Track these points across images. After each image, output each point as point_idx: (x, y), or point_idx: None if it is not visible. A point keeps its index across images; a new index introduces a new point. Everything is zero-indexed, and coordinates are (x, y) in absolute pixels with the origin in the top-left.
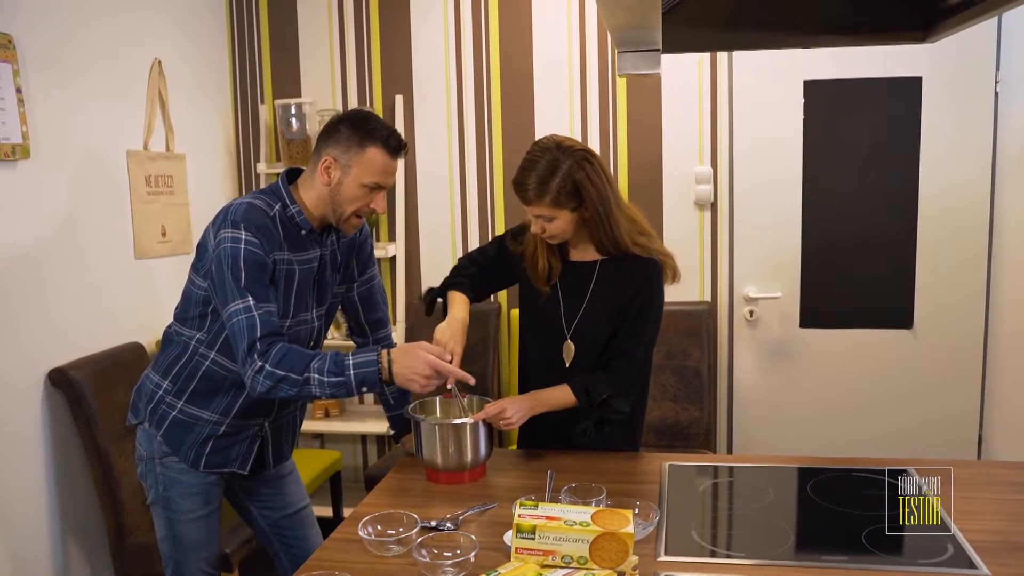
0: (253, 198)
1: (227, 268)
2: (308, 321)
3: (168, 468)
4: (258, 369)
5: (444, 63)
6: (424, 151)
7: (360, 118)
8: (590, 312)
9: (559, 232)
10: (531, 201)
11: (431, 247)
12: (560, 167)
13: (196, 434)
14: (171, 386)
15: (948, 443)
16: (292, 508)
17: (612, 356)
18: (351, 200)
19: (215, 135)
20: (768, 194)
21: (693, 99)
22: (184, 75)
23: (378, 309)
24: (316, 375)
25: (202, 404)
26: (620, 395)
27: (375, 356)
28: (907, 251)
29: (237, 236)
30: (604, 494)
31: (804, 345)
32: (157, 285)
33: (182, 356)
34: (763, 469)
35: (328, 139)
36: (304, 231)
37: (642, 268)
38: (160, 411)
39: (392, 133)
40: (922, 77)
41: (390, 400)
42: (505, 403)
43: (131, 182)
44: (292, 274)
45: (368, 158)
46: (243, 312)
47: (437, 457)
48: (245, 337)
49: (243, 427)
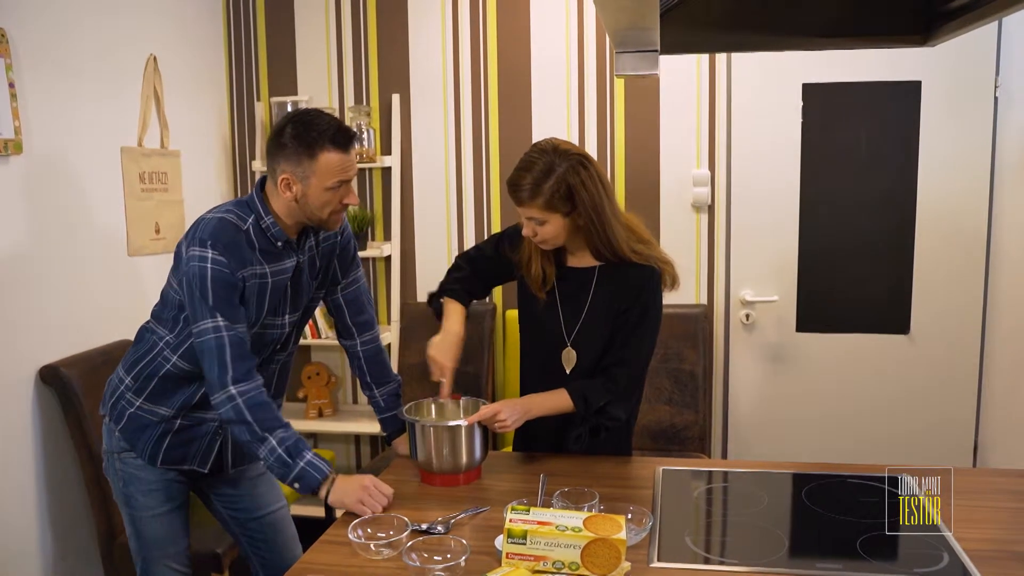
0: (225, 212)
1: (196, 287)
2: (278, 326)
3: (127, 464)
4: (230, 396)
5: (441, 62)
6: (420, 150)
7: (301, 125)
8: (590, 319)
9: (550, 236)
10: (524, 202)
11: (426, 247)
12: (555, 170)
13: (153, 430)
14: (132, 383)
15: (944, 449)
16: (262, 511)
17: (610, 363)
18: (321, 206)
19: (210, 132)
20: (766, 197)
21: (691, 101)
22: (180, 72)
23: (364, 311)
24: (274, 442)
25: (160, 401)
26: (617, 403)
27: (327, 473)
28: (905, 256)
29: (204, 255)
30: (597, 499)
31: (800, 349)
32: (149, 282)
33: (147, 355)
34: (757, 475)
35: (277, 155)
36: (280, 243)
37: (640, 275)
38: (119, 407)
39: (336, 129)
40: (921, 81)
41: (380, 402)
42: (500, 406)
43: (125, 179)
44: (264, 286)
45: (322, 164)
46: (212, 332)
47: (431, 459)
48: (215, 358)
49: (200, 421)
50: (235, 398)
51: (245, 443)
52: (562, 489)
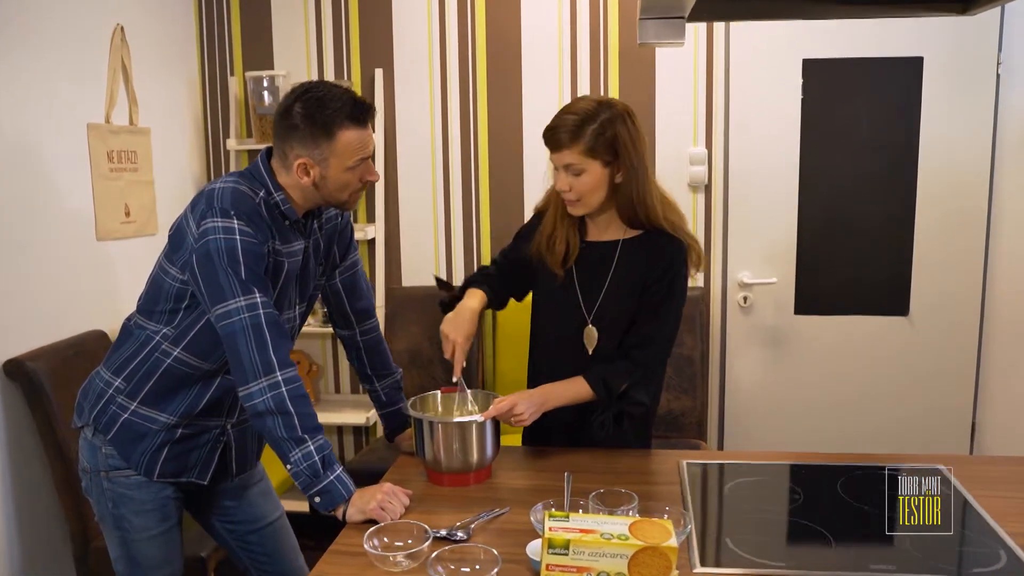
0: (235, 183)
1: (222, 262)
2: (288, 319)
3: (116, 483)
4: (274, 384)
5: (427, 35)
6: (405, 128)
7: (313, 102)
8: (612, 294)
9: (586, 191)
10: (563, 144)
11: (412, 229)
12: (600, 115)
13: (151, 439)
14: (124, 384)
15: (941, 431)
16: (260, 522)
17: (632, 343)
18: (341, 187)
19: (181, 108)
20: (764, 176)
21: (688, 77)
22: (148, 43)
23: (363, 296)
24: (312, 447)
25: (158, 405)
26: (640, 385)
27: (352, 491)
28: (904, 236)
29: (229, 225)
30: (636, 502)
31: (799, 332)
32: (120, 268)
33: (140, 352)
34: (787, 468)
35: (288, 136)
36: (289, 221)
37: (669, 248)
38: (109, 412)
39: (353, 103)
40: (923, 57)
41: (382, 396)
42: (516, 398)
43: (92, 158)
44: (280, 268)
45: (341, 144)
46: (247, 311)
47: (440, 457)
48: (252, 340)
49: (203, 429)
50: (279, 386)
51: (276, 440)
52: (597, 491)
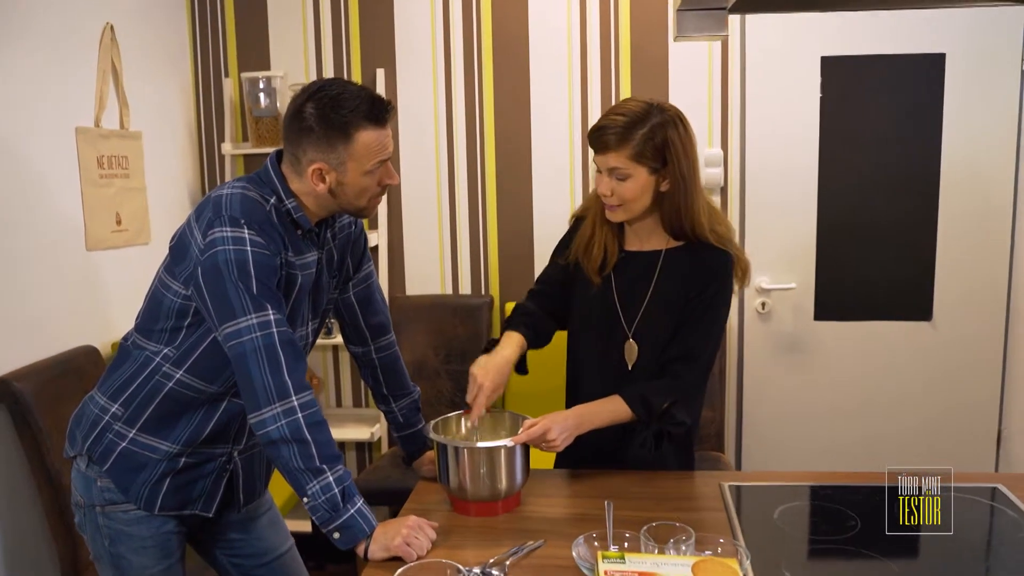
0: (244, 188)
1: (232, 276)
2: (303, 337)
3: (113, 519)
4: (290, 410)
5: (431, 33)
6: (409, 130)
7: (327, 102)
8: (653, 307)
9: (629, 197)
10: (610, 147)
11: (417, 236)
12: (651, 118)
13: (151, 470)
14: (122, 410)
15: (966, 439)
16: (269, 555)
17: (673, 359)
18: (361, 193)
19: (174, 111)
20: (782, 178)
21: (702, 75)
22: (139, 43)
23: (379, 311)
24: (331, 478)
25: (160, 433)
26: (681, 404)
27: (375, 525)
28: (927, 239)
29: (239, 236)
30: (692, 537)
31: (818, 339)
32: (112, 280)
33: (139, 374)
34: (836, 489)
35: (302, 140)
36: (302, 230)
37: (714, 260)
38: (105, 441)
39: (372, 101)
40: (945, 54)
41: (399, 417)
42: (548, 422)
43: (81, 163)
44: (293, 281)
45: (360, 146)
46: (259, 329)
47: (466, 485)
48: (265, 362)
49: (208, 457)
50: (295, 411)
51: (292, 471)
52: (649, 524)
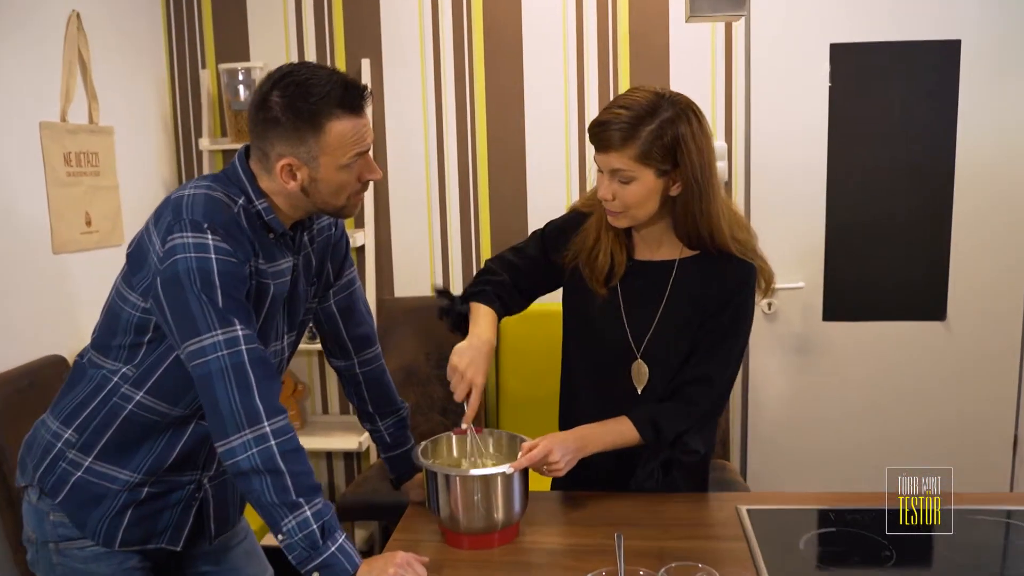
0: (208, 188)
1: (194, 288)
2: (277, 353)
3: (68, 556)
4: (261, 437)
5: (419, 20)
6: (396, 123)
7: (294, 89)
8: (666, 324)
9: (633, 202)
10: (612, 146)
11: (405, 235)
12: (659, 112)
13: (110, 502)
14: (76, 436)
15: (981, 443)
16: None
17: (689, 380)
18: (338, 190)
19: (148, 105)
20: (789, 172)
21: (705, 64)
22: (109, 32)
23: (362, 321)
24: (308, 513)
25: (119, 460)
26: (694, 431)
27: (358, 563)
28: (941, 235)
29: (202, 242)
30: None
31: (828, 340)
32: (81, 285)
33: (95, 396)
34: (865, 513)
35: (268, 133)
36: (274, 234)
37: (736, 272)
38: (58, 471)
39: (345, 87)
40: (961, 40)
41: (386, 437)
42: (550, 444)
43: (46, 161)
44: (265, 292)
45: (333, 138)
46: (225, 347)
47: (459, 516)
48: (233, 383)
49: (174, 486)
50: (267, 439)
51: (265, 506)
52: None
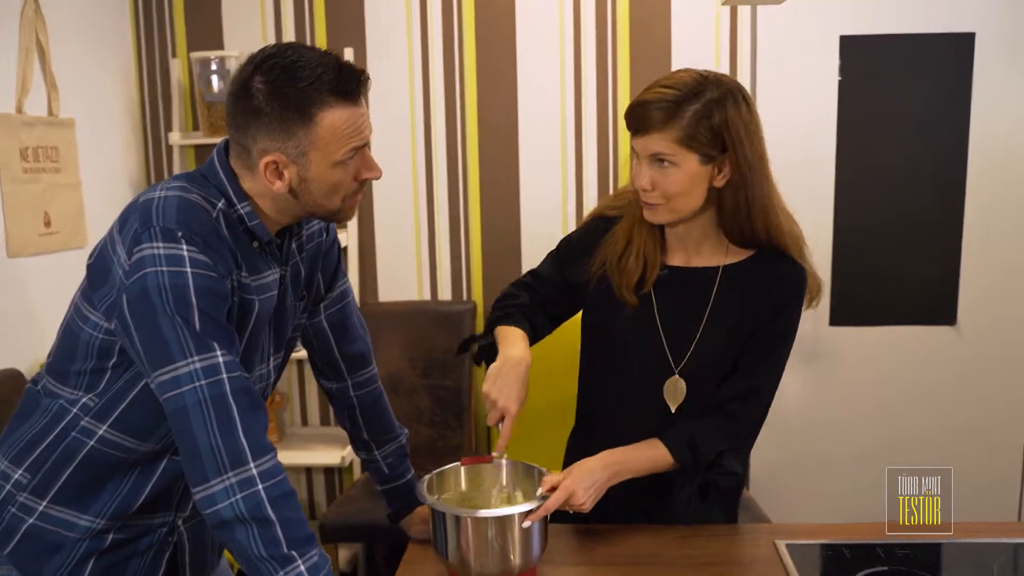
0: (182, 190)
1: (166, 308)
2: (260, 377)
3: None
4: (246, 481)
5: (405, 6)
6: (381, 117)
7: (280, 74)
8: (712, 336)
9: (675, 192)
10: (652, 126)
11: (390, 235)
12: (704, 92)
13: (68, 552)
14: (27, 477)
15: (992, 450)
16: None
17: (731, 396)
18: (331, 191)
19: (113, 96)
20: (796, 169)
21: (708, 57)
22: (70, 16)
23: (356, 338)
24: (303, 567)
25: (78, 504)
26: (732, 451)
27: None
28: (952, 237)
29: (176, 253)
30: None
31: (835, 345)
32: (40, 290)
33: (51, 430)
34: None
35: (250, 125)
36: (259, 243)
37: (791, 276)
38: (7, 517)
39: (339, 70)
40: (975, 33)
41: (383, 468)
42: (574, 482)
43: (0, 156)
44: (249, 309)
45: (325, 130)
46: (203, 375)
47: (470, 562)
48: (212, 419)
49: (143, 530)
50: (254, 483)
51: (251, 560)
52: None
